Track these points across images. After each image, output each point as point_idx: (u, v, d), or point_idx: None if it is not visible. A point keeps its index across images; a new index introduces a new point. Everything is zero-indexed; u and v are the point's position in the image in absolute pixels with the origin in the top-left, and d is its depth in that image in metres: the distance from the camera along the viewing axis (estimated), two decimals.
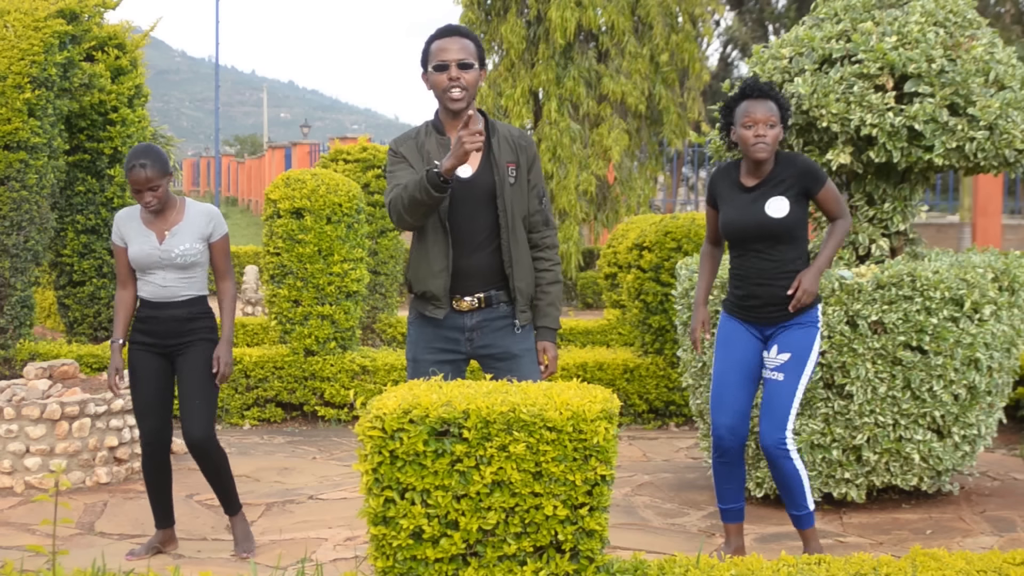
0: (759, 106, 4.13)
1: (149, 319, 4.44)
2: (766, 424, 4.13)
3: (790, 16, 23.73)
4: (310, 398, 7.38)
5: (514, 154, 3.80)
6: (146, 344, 4.44)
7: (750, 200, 4.17)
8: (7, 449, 5.52)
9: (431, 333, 3.82)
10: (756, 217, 4.14)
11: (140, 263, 4.41)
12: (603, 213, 15.02)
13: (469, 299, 3.77)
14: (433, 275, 3.75)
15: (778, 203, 4.14)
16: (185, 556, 4.50)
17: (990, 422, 5.10)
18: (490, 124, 3.81)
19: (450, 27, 3.80)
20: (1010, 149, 4.99)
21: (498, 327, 3.81)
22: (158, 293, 4.41)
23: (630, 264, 7.48)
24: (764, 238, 4.15)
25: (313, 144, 32.25)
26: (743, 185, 4.22)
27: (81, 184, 8.04)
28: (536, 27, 14.25)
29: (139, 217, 4.44)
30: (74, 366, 6.11)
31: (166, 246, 4.38)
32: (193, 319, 4.44)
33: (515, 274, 3.78)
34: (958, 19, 5.19)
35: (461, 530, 2.77)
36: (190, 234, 4.41)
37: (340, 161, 9.47)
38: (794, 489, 4.16)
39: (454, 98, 3.70)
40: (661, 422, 7.43)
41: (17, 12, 6.90)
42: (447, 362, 3.81)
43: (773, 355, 4.18)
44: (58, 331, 10.21)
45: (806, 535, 4.25)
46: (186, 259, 4.39)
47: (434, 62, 3.72)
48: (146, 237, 4.40)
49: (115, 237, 4.48)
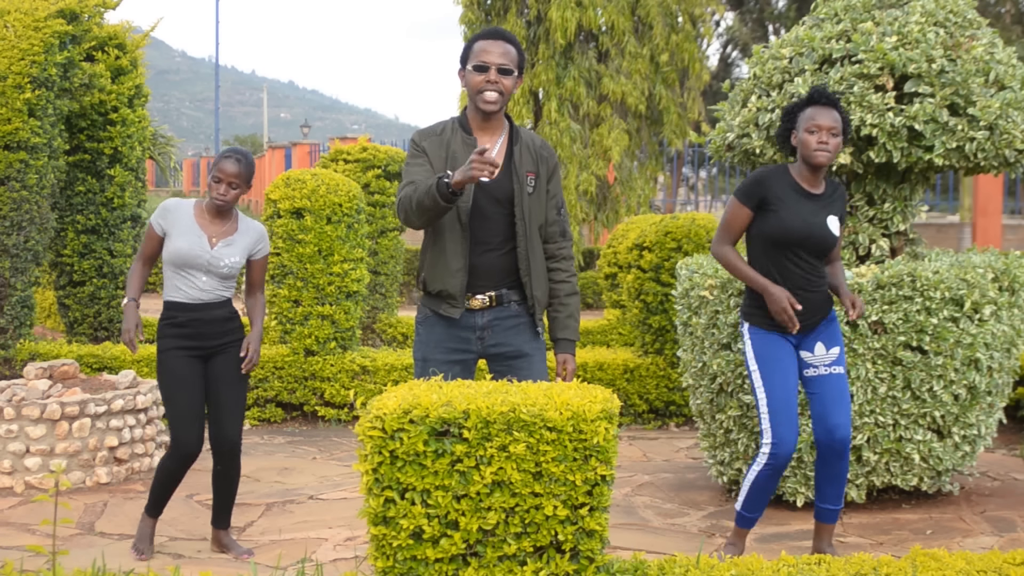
0: (825, 113, 4.11)
1: (190, 322, 4.37)
2: (841, 418, 4.11)
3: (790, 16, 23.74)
4: (310, 398, 7.38)
5: (535, 164, 3.82)
6: (186, 348, 4.37)
7: (815, 209, 4.15)
8: (7, 449, 5.52)
9: (442, 332, 3.82)
10: (820, 229, 4.14)
11: (184, 260, 4.34)
12: (603, 213, 15.01)
13: (481, 297, 3.79)
14: (451, 274, 3.75)
15: (834, 221, 4.18)
16: (185, 556, 4.50)
17: (990, 422, 5.10)
18: (514, 131, 3.82)
19: (496, 30, 3.80)
20: (1010, 149, 4.99)
21: (509, 326, 3.83)
22: (197, 296, 4.38)
23: (630, 264, 7.48)
24: (814, 249, 4.15)
25: (313, 144, 32.24)
26: (806, 191, 4.17)
27: (81, 184, 8.05)
28: (536, 27, 14.24)
29: (193, 214, 4.41)
30: (74, 366, 6.11)
31: (217, 253, 4.37)
32: (231, 319, 4.46)
33: (532, 283, 3.81)
34: (958, 19, 5.19)
35: (461, 530, 2.77)
36: (241, 247, 4.43)
37: (340, 161, 9.47)
38: (843, 482, 4.19)
39: (488, 100, 3.71)
40: (661, 422, 7.43)
41: (17, 12, 6.90)
42: (457, 362, 3.82)
43: (822, 352, 4.17)
44: (58, 331, 10.22)
45: (829, 530, 4.26)
46: (232, 270, 4.41)
47: (475, 61, 3.72)
48: (198, 236, 4.37)
49: (155, 223, 4.41)
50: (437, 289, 3.79)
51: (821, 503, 4.25)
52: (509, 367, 3.80)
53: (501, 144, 3.80)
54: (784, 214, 4.12)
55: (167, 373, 4.37)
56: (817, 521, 4.29)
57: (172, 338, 4.38)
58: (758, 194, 4.16)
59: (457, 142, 3.77)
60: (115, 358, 7.26)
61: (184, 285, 4.38)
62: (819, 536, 4.28)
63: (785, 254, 4.13)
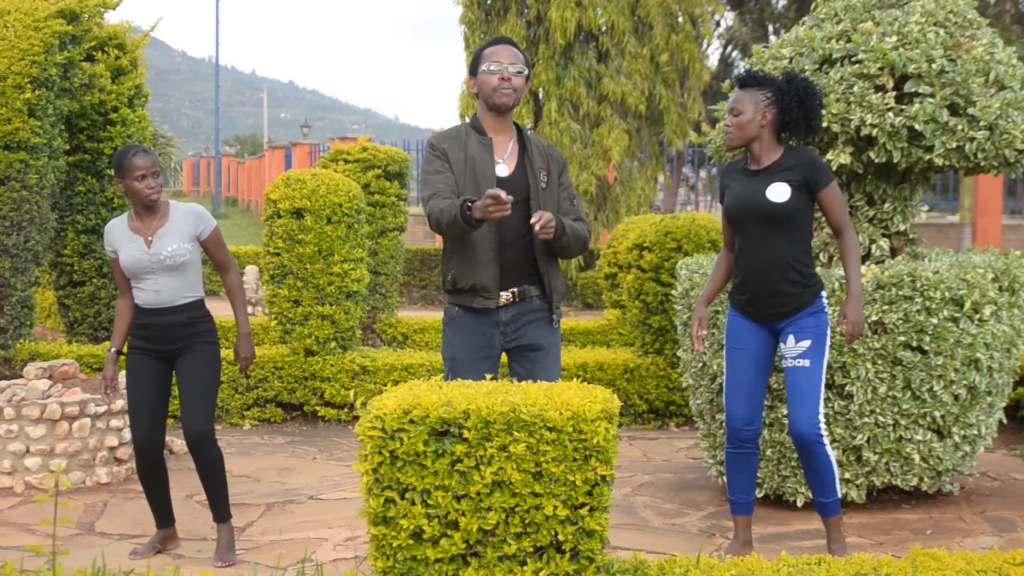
0: (735, 96, 4.29)
1: (148, 326, 4.43)
2: (801, 411, 4.13)
3: (790, 16, 23.74)
4: (310, 398, 7.38)
5: (545, 162, 4.07)
6: (145, 349, 4.45)
7: (753, 183, 4.22)
8: (7, 449, 5.52)
9: (470, 331, 3.99)
10: (755, 199, 4.17)
11: (131, 269, 4.40)
12: (603, 213, 15.01)
13: (505, 294, 3.98)
14: (483, 266, 3.93)
15: (779, 188, 4.17)
16: (185, 556, 4.50)
17: (990, 422, 5.10)
18: (524, 135, 4.09)
19: (503, 38, 4.10)
20: (1010, 149, 4.99)
21: (530, 320, 4.02)
22: (153, 299, 4.40)
23: (630, 264, 7.48)
24: (761, 222, 4.17)
25: (313, 144, 32.24)
26: (749, 170, 4.29)
27: (81, 184, 8.04)
28: (536, 27, 14.24)
29: (127, 225, 4.46)
30: (74, 366, 6.11)
31: (154, 249, 4.37)
32: (192, 323, 4.44)
33: (549, 272, 4.02)
34: (958, 19, 5.19)
35: (461, 530, 2.77)
36: (177, 234, 4.41)
37: (340, 161, 9.47)
38: (826, 475, 4.19)
39: (504, 93, 3.96)
40: (661, 422, 7.43)
41: (17, 12, 6.90)
42: (484, 359, 4.00)
43: (792, 344, 4.19)
44: (58, 331, 10.21)
45: (832, 523, 4.25)
46: (175, 260, 4.38)
47: (487, 64, 3.98)
48: (134, 243, 4.40)
49: (107, 248, 4.50)
50: (470, 284, 3.95)
51: (813, 495, 4.30)
52: (526, 359, 4.02)
53: (513, 144, 4.05)
54: (727, 196, 4.33)
55: (127, 369, 4.51)
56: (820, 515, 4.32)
57: (134, 337, 4.49)
58: (721, 187, 4.42)
59: (473, 144, 3.99)
60: None
61: (140, 291, 4.43)
62: (828, 530, 4.29)
63: (738, 235, 4.29)
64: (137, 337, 4.47)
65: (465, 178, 3.94)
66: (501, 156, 4.00)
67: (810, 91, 4.23)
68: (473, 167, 3.94)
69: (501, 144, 4.02)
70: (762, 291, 4.20)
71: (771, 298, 4.19)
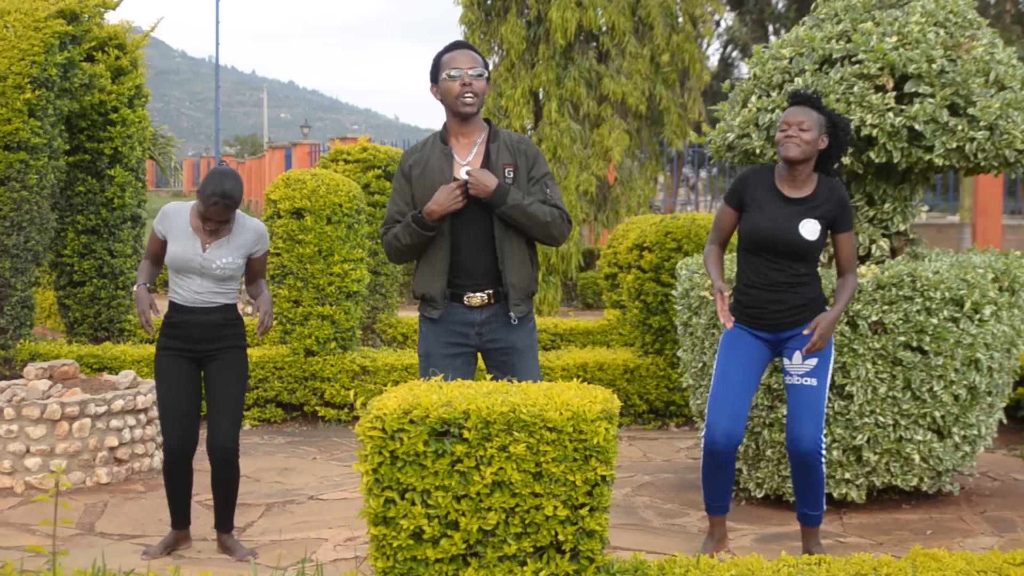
0: (796, 111, 4.20)
1: (182, 324, 4.41)
2: (807, 429, 4.14)
3: (790, 16, 23.73)
4: (310, 398, 7.38)
5: (512, 157, 4.04)
6: (177, 349, 4.42)
7: (788, 214, 4.19)
8: (7, 449, 5.52)
9: (442, 329, 4.04)
10: (789, 234, 4.17)
11: (179, 265, 4.37)
12: (603, 213, 15.00)
13: (480, 295, 4.01)
14: (432, 277, 4.02)
15: (811, 226, 4.19)
16: (185, 556, 4.50)
17: (990, 422, 5.10)
18: (492, 131, 4.08)
19: (459, 42, 4.11)
20: (1010, 149, 4.99)
21: (505, 322, 4.04)
22: (192, 299, 4.40)
23: (630, 264, 7.48)
24: (782, 253, 4.19)
25: (313, 144, 32.26)
26: (783, 195, 4.23)
27: (81, 184, 8.05)
28: (536, 27, 14.23)
29: (188, 219, 4.41)
30: (74, 366, 6.11)
31: (209, 255, 4.36)
32: (226, 324, 4.44)
33: (507, 268, 4.00)
34: (958, 19, 5.19)
35: (461, 530, 2.77)
36: (235, 248, 4.41)
37: (340, 161, 9.47)
38: (819, 490, 4.22)
39: (467, 102, 3.97)
40: (661, 422, 7.43)
41: (17, 12, 6.90)
42: (458, 355, 4.04)
43: (798, 361, 4.20)
44: (58, 331, 10.22)
45: (813, 532, 4.30)
46: (225, 272, 4.39)
47: (447, 71, 3.99)
48: (191, 240, 4.37)
49: (157, 225, 4.45)
50: (420, 293, 4.06)
51: (799, 507, 4.32)
52: (503, 362, 4.04)
53: (479, 147, 4.05)
54: (756, 215, 4.24)
55: (157, 372, 4.46)
56: (800, 524, 4.35)
57: (165, 338, 4.45)
58: (739, 193, 4.32)
59: (436, 154, 4.06)
60: (115, 358, 7.26)
61: (180, 287, 4.42)
62: (804, 537, 4.35)
63: (757, 254, 4.24)
64: (169, 336, 4.43)
65: (424, 191, 3.99)
66: (466, 158, 4.03)
67: (847, 129, 4.27)
68: (433, 179, 3.99)
69: (467, 147, 4.05)
70: (771, 306, 4.22)
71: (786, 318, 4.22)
